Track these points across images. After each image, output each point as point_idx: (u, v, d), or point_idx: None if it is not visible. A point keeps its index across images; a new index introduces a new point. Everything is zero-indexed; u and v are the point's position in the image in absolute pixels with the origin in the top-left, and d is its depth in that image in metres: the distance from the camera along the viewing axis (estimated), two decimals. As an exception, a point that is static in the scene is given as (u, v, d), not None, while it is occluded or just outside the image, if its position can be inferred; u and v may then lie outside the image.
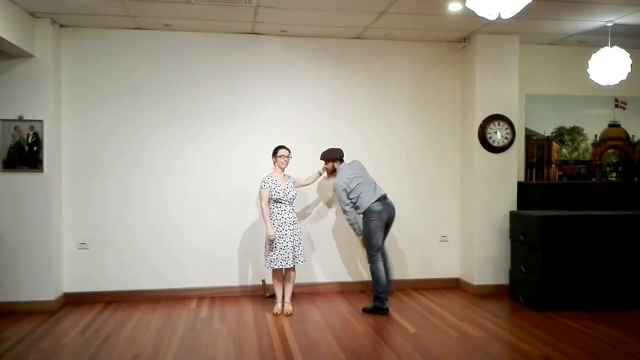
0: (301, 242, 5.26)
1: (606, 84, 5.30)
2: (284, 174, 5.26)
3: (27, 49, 5.00)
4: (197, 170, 5.78)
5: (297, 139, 5.76)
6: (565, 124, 6.42)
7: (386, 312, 5.16)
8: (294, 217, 5.23)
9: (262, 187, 5.13)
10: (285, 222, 5.13)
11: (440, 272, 6.24)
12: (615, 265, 5.35)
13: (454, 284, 6.25)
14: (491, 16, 3.47)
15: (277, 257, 5.09)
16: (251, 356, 4.09)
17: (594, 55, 5.28)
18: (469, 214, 6.06)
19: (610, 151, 6.54)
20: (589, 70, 5.32)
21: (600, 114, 6.49)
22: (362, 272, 5.99)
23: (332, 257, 6.03)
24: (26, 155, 5.23)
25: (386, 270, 5.30)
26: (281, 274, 5.29)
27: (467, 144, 6.09)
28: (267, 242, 5.14)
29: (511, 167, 5.99)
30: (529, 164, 6.35)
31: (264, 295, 5.77)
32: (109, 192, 5.64)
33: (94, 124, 5.60)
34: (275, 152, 5.24)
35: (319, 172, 5.56)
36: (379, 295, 5.18)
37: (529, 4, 3.48)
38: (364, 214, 5.22)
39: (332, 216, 6.03)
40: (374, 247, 5.21)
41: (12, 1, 4.68)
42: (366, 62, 6.04)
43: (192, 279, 5.79)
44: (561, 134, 6.42)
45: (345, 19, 5.26)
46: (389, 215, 5.26)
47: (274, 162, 5.24)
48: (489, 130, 5.88)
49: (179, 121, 5.74)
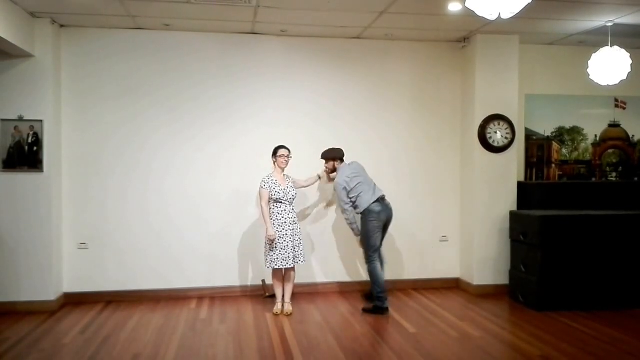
0: (301, 242, 5.26)
1: (606, 84, 5.30)
2: (283, 174, 5.26)
3: (27, 49, 5.00)
4: (197, 170, 5.79)
5: (297, 139, 5.76)
6: (565, 124, 6.42)
7: (386, 311, 5.17)
8: (294, 217, 5.23)
9: (262, 187, 5.13)
10: (285, 222, 5.13)
11: (440, 272, 6.24)
12: (615, 265, 5.35)
13: (454, 284, 6.25)
14: (491, 16, 3.47)
15: (278, 257, 5.09)
16: (251, 356, 4.09)
17: (594, 55, 5.28)
18: (469, 214, 6.06)
19: (610, 151, 6.54)
20: (589, 70, 5.32)
21: (600, 114, 6.49)
22: (361, 273, 5.98)
23: (332, 257, 6.03)
24: (26, 155, 5.23)
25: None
26: (281, 274, 5.29)
27: (467, 144, 6.09)
28: (267, 242, 5.14)
29: (511, 167, 5.99)
30: (529, 164, 6.36)
31: (264, 295, 5.77)
32: (109, 192, 5.64)
33: (94, 124, 5.61)
34: (275, 152, 5.24)
35: (319, 176, 5.59)
36: (379, 295, 5.18)
37: (529, 4, 3.48)
38: (362, 214, 5.23)
39: (332, 216, 6.03)
40: (372, 248, 5.22)
41: (12, 1, 4.68)
42: (366, 62, 6.04)
43: (192, 279, 5.79)
44: (561, 134, 6.42)
45: (345, 19, 5.26)
46: (387, 216, 5.28)
47: (274, 162, 5.24)
48: (489, 130, 5.88)
49: (179, 121, 5.74)
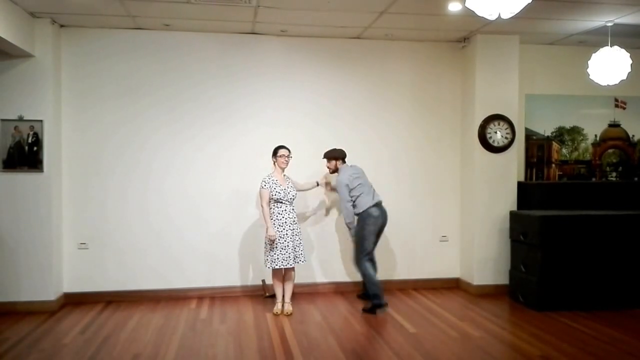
0: (301, 242, 5.25)
1: (606, 84, 5.29)
2: (283, 174, 5.26)
3: (27, 49, 5.00)
4: (197, 170, 5.78)
5: (297, 139, 5.76)
6: (565, 124, 6.42)
7: (385, 306, 5.23)
8: (294, 217, 5.23)
9: (262, 187, 5.12)
10: (285, 222, 5.13)
11: (440, 272, 6.23)
12: (615, 265, 5.35)
13: (454, 284, 6.25)
14: (491, 16, 3.47)
15: (278, 257, 5.09)
16: (251, 356, 4.09)
17: (594, 55, 5.28)
18: (469, 214, 6.05)
19: (610, 151, 6.54)
20: (589, 70, 5.31)
21: (600, 114, 6.49)
22: (362, 272, 5.99)
23: (332, 257, 6.03)
24: (26, 155, 5.23)
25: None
26: (281, 274, 5.29)
27: (467, 144, 6.09)
28: (267, 242, 5.14)
29: (511, 167, 5.98)
30: (529, 164, 6.35)
31: (264, 295, 5.77)
32: (109, 192, 5.64)
33: (94, 124, 5.60)
34: (275, 152, 5.24)
35: (317, 182, 5.62)
36: (376, 293, 5.20)
37: (529, 4, 3.48)
38: (360, 216, 5.25)
39: (332, 216, 6.02)
40: (364, 251, 5.26)
41: (12, 1, 4.68)
42: (366, 62, 6.04)
43: (192, 279, 5.79)
44: (561, 134, 6.41)
45: (345, 19, 5.26)
46: (383, 221, 5.34)
47: (274, 162, 5.24)
48: (489, 130, 5.88)
49: (179, 121, 5.74)
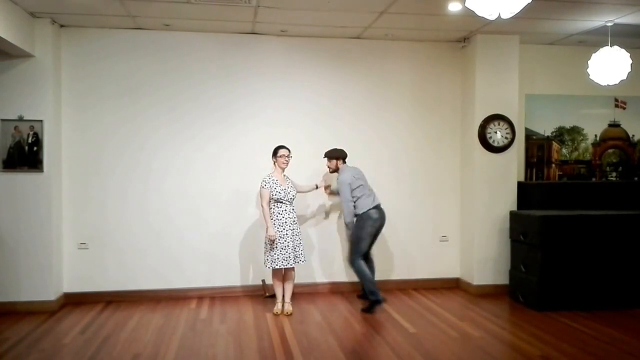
0: (301, 242, 5.25)
1: (606, 84, 5.29)
2: (283, 174, 5.26)
3: (27, 49, 5.00)
4: (197, 170, 5.78)
5: (297, 139, 5.76)
6: (565, 124, 6.42)
7: (383, 301, 5.29)
8: (294, 217, 5.22)
9: (263, 187, 5.12)
10: (286, 222, 5.12)
11: (440, 272, 6.23)
12: (615, 265, 5.35)
13: (454, 284, 6.25)
14: (491, 16, 3.47)
15: (279, 257, 5.09)
16: (251, 356, 4.09)
17: (594, 55, 5.28)
18: (469, 214, 6.05)
19: (610, 151, 6.54)
20: (589, 70, 5.31)
21: (600, 113, 6.48)
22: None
23: (332, 257, 6.03)
24: (26, 155, 5.23)
25: (372, 275, 5.43)
26: (281, 274, 5.29)
27: (467, 144, 6.09)
28: (267, 242, 5.14)
29: (511, 167, 5.98)
30: (529, 164, 6.35)
31: (264, 295, 5.77)
32: (109, 192, 5.64)
33: (94, 124, 5.60)
34: (275, 152, 5.23)
35: (316, 185, 5.61)
36: (372, 289, 5.23)
37: (529, 4, 3.48)
38: (360, 217, 5.26)
39: (333, 217, 6.02)
40: (359, 251, 5.29)
41: (12, 1, 4.67)
42: (366, 62, 6.04)
43: (192, 279, 5.79)
44: (561, 134, 6.41)
45: (345, 19, 5.26)
46: (381, 223, 5.37)
47: (274, 162, 5.23)
48: (489, 130, 5.88)
49: (179, 121, 5.74)
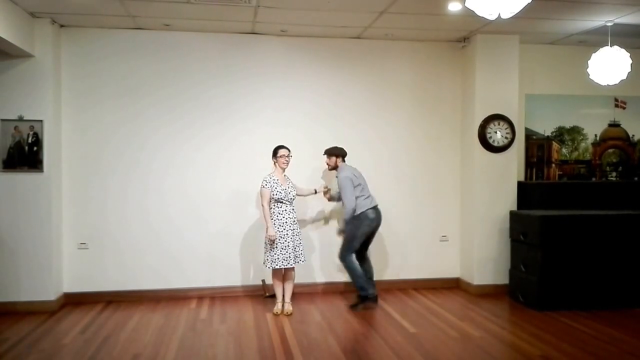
0: (301, 242, 5.25)
1: (606, 84, 5.29)
2: (284, 175, 5.26)
3: (27, 49, 5.00)
4: (197, 170, 5.78)
5: (297, 139, 5.76)
6: (565, 124, 6.42)
7: (375, 299, 5.29)
8: (295, 217, 5.22)
9: (263, 187, 5.12)
10: (286, 222, 5.12)
11: (440, 272, 6.23)
12: (615, 265, 5.35)
13: (454, 283, 6.25)
14: (491, 16, 3.47)
15: (279, 257, 5.09)
16: (251, 356, 4.09)
17: (594, 55, 5.28)
18: (469, 214, 6.05)
19: (610, 151, 6.54)
20: (589, 70, 5.31)
21: (600, 113, 6.48)
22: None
23: (332, 257, 6.01)
24: (26, 155, 5.23)
25: (370, 275, 5.44)
26: (281, 274, 5.29)
27: (467, 144, 6.09)
28: (267, 241, 5.14)
29: (511, 166, 5.98)
30: (529, 164, 6.35)
31: (264, 295, 5.77)
32: (109, 192, 5.64)
33: (94, 124, 5.60)
34: (275, 152, 5.23)
35: (315, 190, 5.58)
36: (362, 285, 5.24)
37: (529, 4, 3.48)
38: (357, 216, 5.25)
39: (333, 217, 6.02)
40: (352, 249, 5.30)
41: (12, 1, 4.67)
42: (366, 62, 6.04)
43: (192, 279, 5.79)
44: (561, 134, 6.41)
45: (345, 19, 5.26)
46: (377, 224, 5.37)
47: (275, 162, 5.23)
48: (489, 130, 5.88)
49: (179, 121, 5.74)
